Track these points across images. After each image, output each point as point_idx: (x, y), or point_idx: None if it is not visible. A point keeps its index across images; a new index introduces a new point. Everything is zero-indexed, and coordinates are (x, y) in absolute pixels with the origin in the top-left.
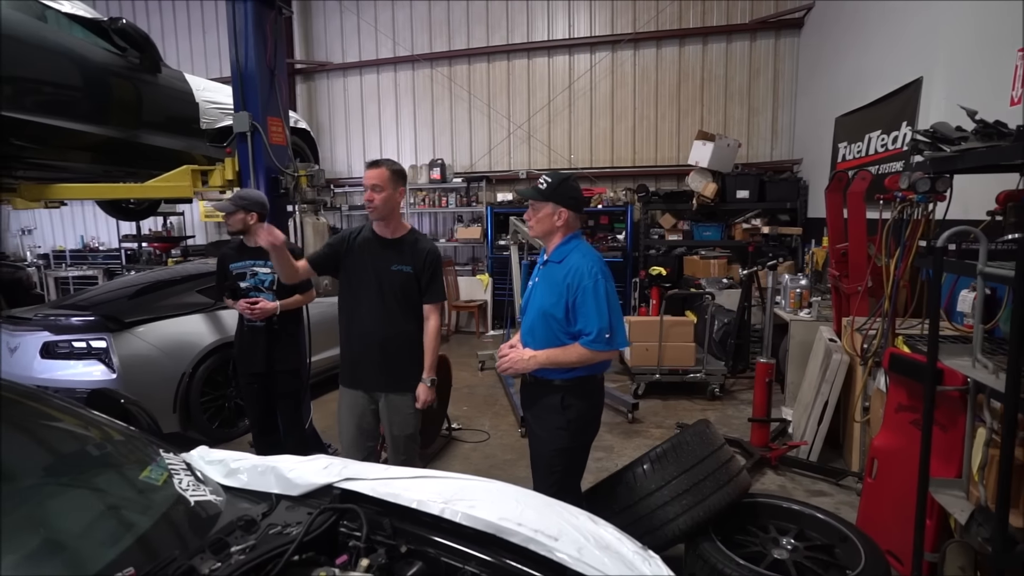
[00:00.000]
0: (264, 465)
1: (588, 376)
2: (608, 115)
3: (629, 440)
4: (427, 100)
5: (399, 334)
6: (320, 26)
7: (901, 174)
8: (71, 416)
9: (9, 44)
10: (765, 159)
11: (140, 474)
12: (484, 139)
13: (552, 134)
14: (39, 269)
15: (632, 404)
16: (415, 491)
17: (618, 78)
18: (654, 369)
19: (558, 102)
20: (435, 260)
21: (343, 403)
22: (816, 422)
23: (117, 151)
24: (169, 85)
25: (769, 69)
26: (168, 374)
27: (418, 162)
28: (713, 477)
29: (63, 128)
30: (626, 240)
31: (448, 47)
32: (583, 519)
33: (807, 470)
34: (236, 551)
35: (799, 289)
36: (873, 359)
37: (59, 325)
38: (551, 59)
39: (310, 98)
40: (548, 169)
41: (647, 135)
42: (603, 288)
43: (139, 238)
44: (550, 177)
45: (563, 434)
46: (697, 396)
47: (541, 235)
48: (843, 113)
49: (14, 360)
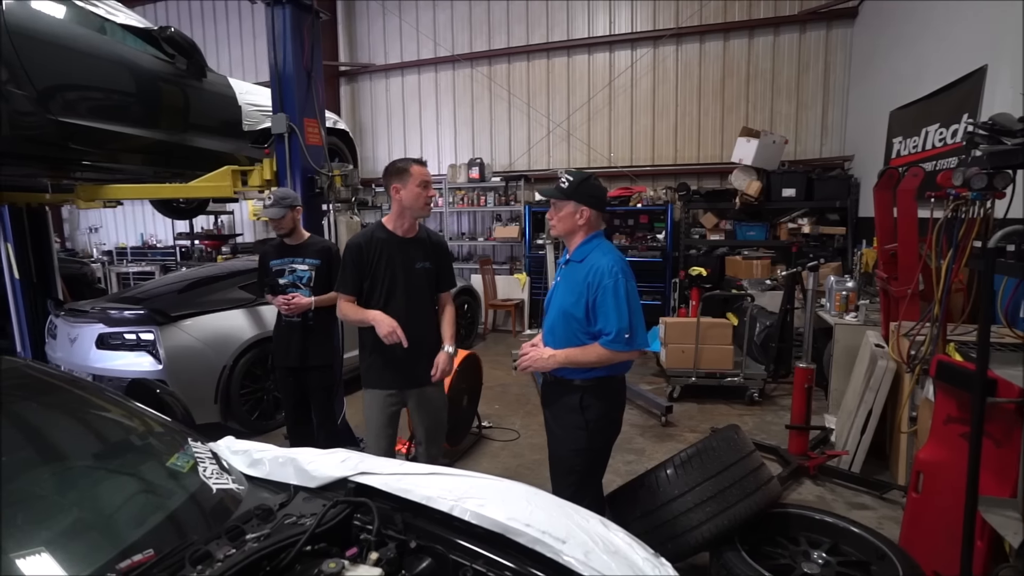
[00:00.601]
0: (285, 457)
1: (608, 376)
2: (649, 112)
3: (661, 444)
4: (467, 99)
5: (428, 328)
6: (364, 29)
7: (955, 170)
8: (107, 403)
9: (73, 56)
10: (814, 156)
11: (167, 461)
12: (523, 138)
13: (592, 132)
14: (103, 265)
15: (666, 407)
16: (426, 487)
17: (660, 74)
18: (690, 372)
19: (598, 100)
20: (447, 250)
21: (374, 406)
22: (859, 431)
23: (166, 153)
24: (214, 90)
25: (820, 62)
26: (210, 366)
27: (457, 161)
28: (740, 485)
29: (118, 132)
30: (666, 240)
31: (488, 47)
32: (594, 522)
33: (848, 481)
34: (251, 538)
35: (845, 291)
36: (921, 366)
37: (112, 318)
38: (591, 56)
39: (354, 99)
40: (588, 168)
41: (689, 132)
42: (623, 287)
43: (192, 236)
44: (571, 175)
45: (582, 434)
46: (735, 401)
47: (563, 234)
48: (898, 106)
49: (73, 349)
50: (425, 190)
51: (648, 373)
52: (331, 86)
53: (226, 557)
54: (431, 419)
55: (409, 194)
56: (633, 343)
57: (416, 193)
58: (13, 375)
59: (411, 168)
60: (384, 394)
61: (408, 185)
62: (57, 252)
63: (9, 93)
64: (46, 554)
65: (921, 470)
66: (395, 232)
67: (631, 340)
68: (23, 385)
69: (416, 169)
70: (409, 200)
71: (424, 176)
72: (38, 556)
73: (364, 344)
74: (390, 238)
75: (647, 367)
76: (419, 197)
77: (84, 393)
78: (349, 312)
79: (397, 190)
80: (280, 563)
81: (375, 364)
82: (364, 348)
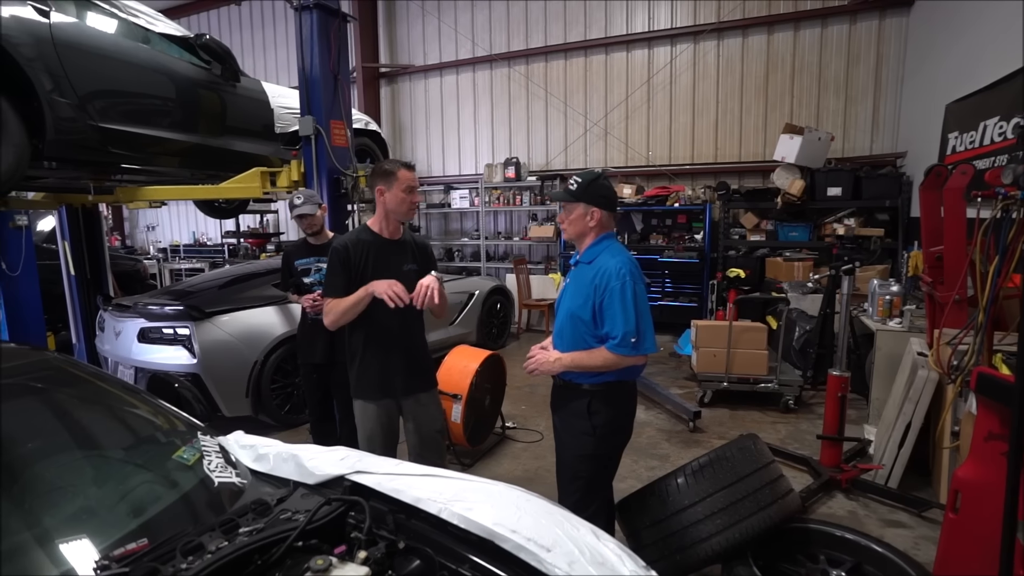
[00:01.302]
0: (287, 453)
1: (617, 382)
2: (689, 110)
3: (687, 450)
4: (504, 99)
5: (419, 333)
6: (404, 31)
7: (1004, 168)
8: (122, 396)
9: (112, 65)
10: (863, 153)
11: (174, 453)
12: (560, 137)
13: (630, 130)
14: (158, 261)
15: (694, 412)
16: (418, 489)
17: (700, 70)
18: (722, 376)
19: (636, 97)
20: (432, 253)
21: (368, 416)
22: (897, 444)
23: (201, 156)
24: (247, 94)
25: (871, 54)
26: (242, 361)
27: (494, 160)
28: (754, 497)
29: (154, 136)
30: (704, 240)
31: (525, 46)
32: (584, 531)
33: (884, 497)
34: (244, 532)
35: (889, 296)
36: (963, 378)
37: (153, 313)
38: (629, 53)
39: (393, 100)
40: (625, 167)
41: (730, 130)
42: (631, 290)
43: (238, 234)
44: (581, 177)
45: (588, 440)
46: (769, 408)
47: (574, 237)
48: (955, 99)
49: (118, 342)
50: (409, 195)
51: (680, 377)
52: (371, 88)
53: (217, 549)
54: (426, 427)
55: (393, 198)
56: (640, 347)
57: (400, 198)
58: (39, 366)
59: (398, 172)
60: (376, 405)
61: (393, 189)
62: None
63: (54, 101)
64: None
65: (959, 489)
66: (381, 234)
67: (638, 344)
68: (44, 377)
69: (403, 174)
70: (392, 204)
71: (410, 181)
72: (38, 541)
73: (354, 352)
74: (376, 240)
75: (680, 371)
76: (403, 202)
77: (103, 386)
78: (338, 306)
79: (381, 192)
80: (271, 557)
81: (365, 373)
82: (354, 356)
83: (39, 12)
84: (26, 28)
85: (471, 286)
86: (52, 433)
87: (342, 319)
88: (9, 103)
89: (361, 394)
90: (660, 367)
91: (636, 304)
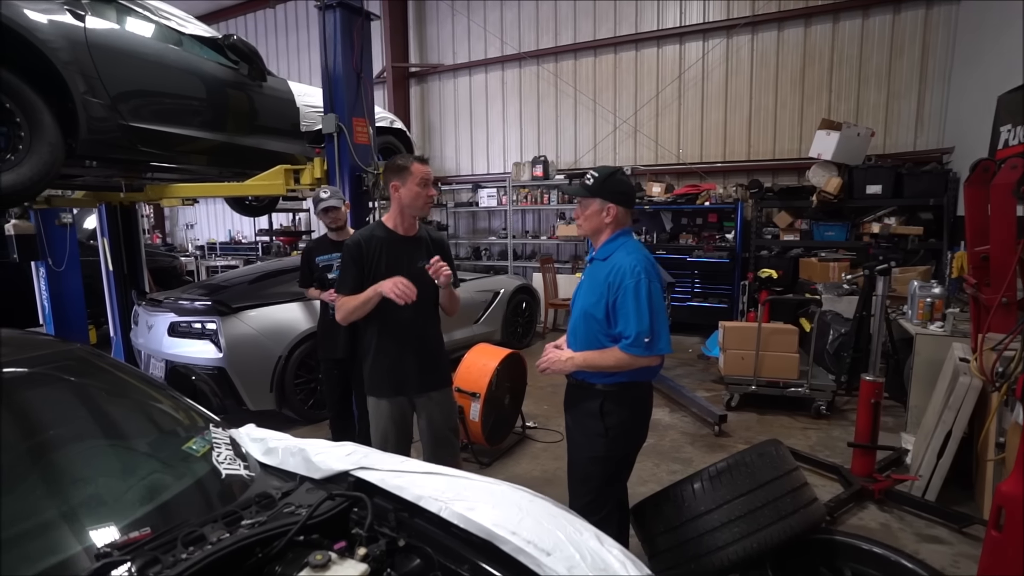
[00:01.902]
0: (296, 447)
1: (631, 382)
2: (721, 106)
3: (711, 455)
4: (533, 97)
5: (433, 330)
6: (434, 31)
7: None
8: (137, 388)
9: (142, 65)
10: (906, 149)
11: (184, 444)
12: (589, 135)
13: (660, 128)
14: (195, 258)
15: (720, 416)
16: (420, 487)
17: (733, 65)
18: (750, 380)
19: (667, 94)
20: (448, 249)
21: (381, 414)
22: (935, 454)
23: (228, 154)
24: (273, 93)
25: (916, 45)
26: (266, 356)
27: (522, 159)
28: (774, 505)
29: (182, 135)
30: (735, 240)
31: (554, 43)
32: (587, 536)
33: (921, 510)
34: (247, 524)
35: (930, 298)
36: (1009, 385)
37: (182, 308)
38: (660, 49)
39: (423, 99)
40: (654, 165)
41: (764, 127)
42: (645, 288)
43: (271, 232)
44: (597, 172)
45: (600, 441)
46: (800, 413)
47: (590, 233)
48: (1009, 89)
49: (150, 336)
50: (425, 189)
51: (708, 379)
52: (401, 87)
53: (218, 540)
54: (439, 426)
55: (408, 193)
56: (654, 348)
57: (415, 192)
58: (62, 356)
59: (412, 166)
60: (388, 402)
61: (407, 184)
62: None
63: (87, 101)
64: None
65: (1003, 505)
66: (395, 230)
67: (651, 345)
68: (65, 367)
69: (417, 168)
70: (408, 199)
71: (424, 175)
72: (43, 528)
73: (367, 348)
74: (390, 236)
75: (708, 373)
76: (418, 196)
77: (122, 377)
78: (349, 303)
79: (396, 188)
80: (272, 550)
81: (378, 370)
82: (367, 353)
83: (75, 16)
84: (63, 32)
85: (496, 284)
86: (66, 422)
87: (351, 317)
88: (45, 103)
89: (374, 391)
90: (687, 369)
91: (651, 303)
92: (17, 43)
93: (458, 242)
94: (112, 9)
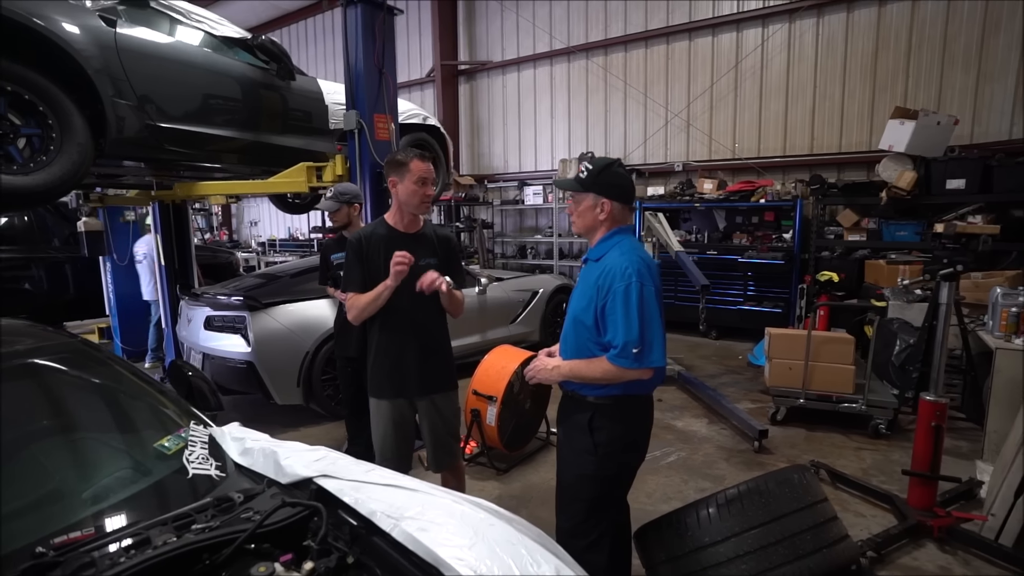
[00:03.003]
0: (269, 449)
1: (624, 396)
2: (781, 96)
3: (747, 473)
4: (581, 92)
5: (437, 331)
6: (483, 28)
7: None
8: (134, 382)
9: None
10: (999, 138)
11: (157, 442)
12: (639, 130)
13: (714, 121)
14: (257, 254)
15: (760, 431)
16: (379, 500)
17: (795, 52)
18: (798, 392)
19: (722, 85)
20: (456, 245)
21: (381, 415)
22: (1012, 491)
23: (256, 152)
24: (302, 92)
25: (1016, 20)
26: (294, 352)
27: (569, 156)
28: (791, 542)
29: (208, 134)
30: (793, 240)
31: (604, 36)
32: (544, 568)
33: (993, 555)
34: (197, 528)
35: (1016, 308)
36: None
37: (217, 302)
38: (715, 38)
39: (472, 97)
40: (707, 161)
41: (829, 117)
42: (637, 293)
43: (322, 229)
44: (591, 164)
45: (589, 459)
46: (856, 431)
47: (584, 231)
48: None
49: (191, 329)
50: (422, 187)
51: (754, 389)
52: (451, 85)
53: (163, 544)
54: (440, 430)
55: (405, 190)
56: (643, 359)
57: (412, 190)
58: (58, 348)
59: (410, 163)
60: (389, 403)
61: (405, 181)
62: (224, 243)
63: (115, 103)
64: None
65: None
66: (396, 227)
67: (641, 356)
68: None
69: (415, 165)
70: (404, 196)
71: (422, 172)
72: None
73: (369, 348)
74: (391, 234)
75: (756, 382)
76: (414, 194)
77: (117, 370)
78: (360, 300)
79: (394, 184)
80: (219, 558)
81: (379, 370)
82: (369, 353)
83: (107, 23)
84: (95, 39)
85: (534, 284)
86: (41, 415)
87: (363, 314)
88: (76, 105)
89: (375, 391)
90: (733, 377)
91: (642, 309)
92: (54, 51)
93: (504, 240)
94: (144, 14)
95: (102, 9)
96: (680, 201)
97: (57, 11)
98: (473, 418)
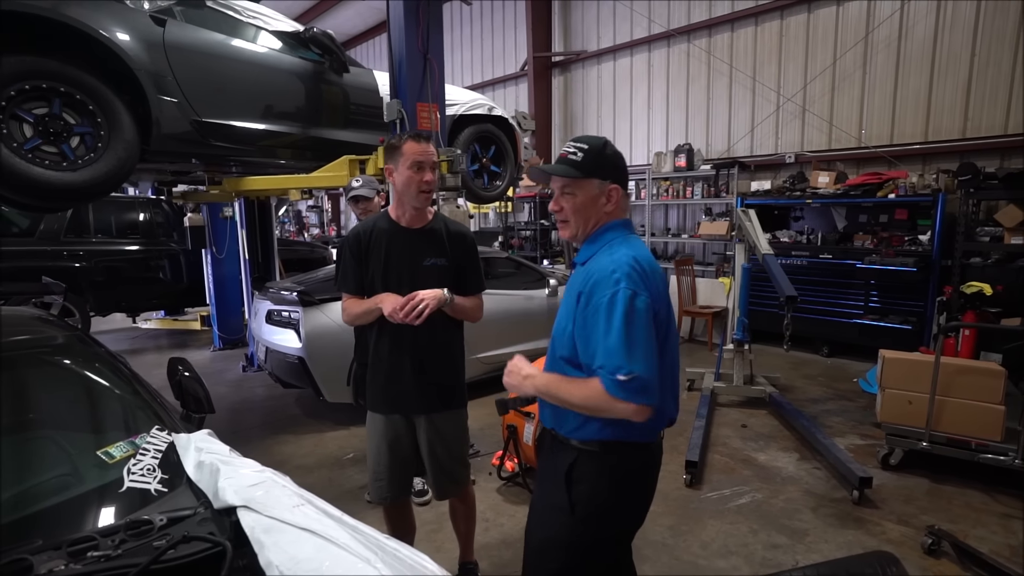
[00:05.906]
0: (215, 465)
1: (616, 442)
2: (924, 70)
3: (839, 531)
4: (682, 79)
5: (439, 342)
6: (578, 16)
7: None
8: (114, 380)
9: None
10: None
11: (103, 447)
12: (745, 118)
13: (835, 104)
14: None
15: (863, 478)
16: (283, 546)
17: (944, 17)
18: (920, 432)
19: (847, 62)
20: (472, 245)
21: (375, 430)
22: None
23: (309, 146)
24: (356, 84)
25: None
26: (343, 350)
27: (667, 148)
28: None
29: (255, 129)
30: (932, 242)
31: (708, 15)
32: None
33: None
34: (94, 556)
35: None
36: None
37: (278, 297)
38: (840, 7)
39: (566, 89)
40: (826, 150)
41: (990, 94)
42: (625, 303)
43: None
44: (583, 143)
45: (561, 520)
46: (1004, 490)
47: (584, 231)
48: None
49: (257, 322)
50: (418, 173)
51: (866, 421)
52: (543, 78)
53: (48, 573)
54: (441, 453)
55: (400, 177)
56: (633, 391)
57: (407, 176)
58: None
59: (403, 146)
60: (384, 419)
61: (399, 167)
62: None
63: (160, 101)
64: None
65: None
66: (398, 221)
67: (629, 385)
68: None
69: (409, 147)
70: (400, 185)
71: (417, 155)
72: None
73: (367, 354)
74: (393, 228)
75: (868, 412)
76: (410, 181)
77: (99, 367)
78: (353, 308)
79: (390, 172)
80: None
81: (373, 382)
82: (368, 359)
83: (156, 22)
84: (143, 39)
85: None
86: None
87: (355, 322)
88: (123, 104)
89: (370, 404)
90: (840, 404)
91: (629, 325)
92: (104, 53)
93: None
94: (199, 13)
95: (157, 10)
96: (789, 197)
97: (108, 14)
98: (510, 435)
